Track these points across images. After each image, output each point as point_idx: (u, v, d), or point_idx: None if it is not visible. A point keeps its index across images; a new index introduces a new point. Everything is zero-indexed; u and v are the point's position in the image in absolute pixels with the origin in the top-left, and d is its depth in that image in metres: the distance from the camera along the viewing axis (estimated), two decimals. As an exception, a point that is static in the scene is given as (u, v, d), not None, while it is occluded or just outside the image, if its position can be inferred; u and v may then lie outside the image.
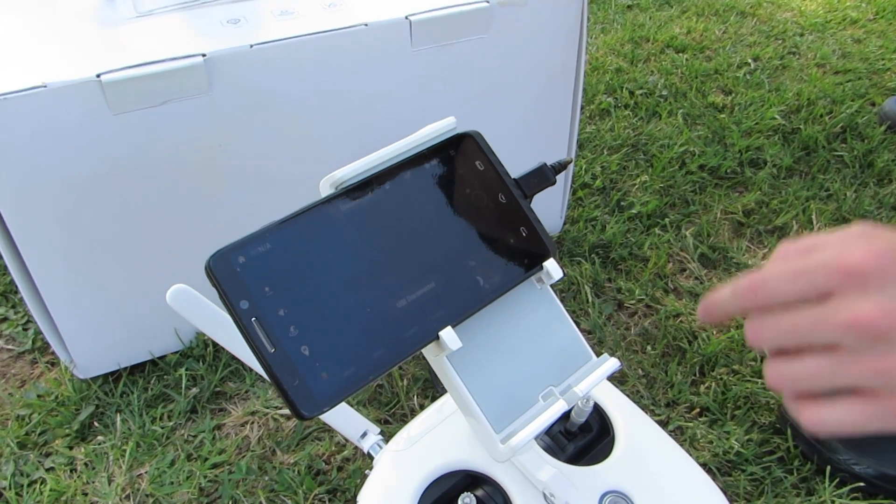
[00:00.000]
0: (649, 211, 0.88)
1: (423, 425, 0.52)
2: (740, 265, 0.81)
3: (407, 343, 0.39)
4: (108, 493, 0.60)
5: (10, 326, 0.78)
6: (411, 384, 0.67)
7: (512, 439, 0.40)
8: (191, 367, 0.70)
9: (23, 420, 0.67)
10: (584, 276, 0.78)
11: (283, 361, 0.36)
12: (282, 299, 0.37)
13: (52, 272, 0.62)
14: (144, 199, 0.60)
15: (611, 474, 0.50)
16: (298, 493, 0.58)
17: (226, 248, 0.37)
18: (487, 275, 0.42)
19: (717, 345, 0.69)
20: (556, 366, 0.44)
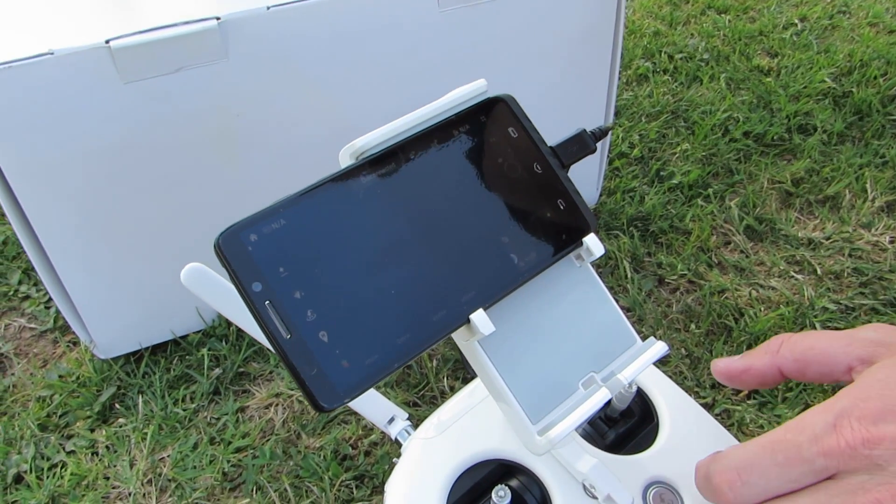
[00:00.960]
0: (691, 181, 0.83)
1: (453, 411, 0.49)
2: (789, 237, 0.76)
3: (435, 328, 0.36)
4: (129, 478, 0.58)
5: (31, 305, 0.76)
6: (441, 365, 0.64)
7: (550, 431, 0.37)
8: (213, 346, 0.67)
9: (44, 401, 0.66)
10: (623, 251, 0.74)
11: (300, 349, 0.33)
12: (298, 281, 0.34)
13: (67, 249, 0.60)
14: (159, 172, 0.57)
15: (655, 464, 0.46)
16: (324, 479, 0.56)
17: (236, 226, 0.34)
18: (522, 252, 0.39)
19: (766, 322, 0.65)
20: (598, 350, 0.40)
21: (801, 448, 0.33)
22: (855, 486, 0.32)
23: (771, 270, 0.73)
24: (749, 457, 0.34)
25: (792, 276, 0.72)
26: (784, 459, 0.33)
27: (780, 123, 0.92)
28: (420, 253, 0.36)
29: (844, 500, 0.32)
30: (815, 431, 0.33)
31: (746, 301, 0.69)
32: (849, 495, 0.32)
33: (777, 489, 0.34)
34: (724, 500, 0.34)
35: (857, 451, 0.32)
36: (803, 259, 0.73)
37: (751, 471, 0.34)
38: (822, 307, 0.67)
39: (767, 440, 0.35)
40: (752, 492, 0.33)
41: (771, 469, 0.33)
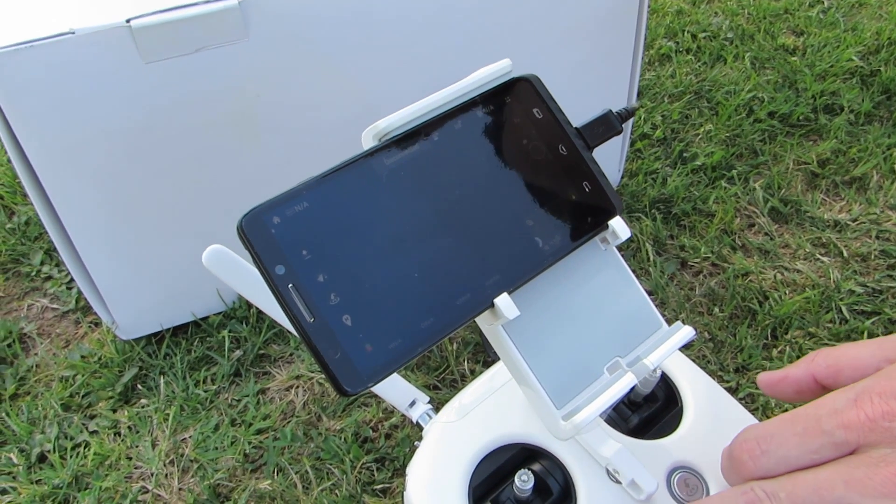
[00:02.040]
0: (714, 162, 0.82)
1: (475, 395, 0.48)
2: (815, 219, 0.75)
3: (459, 311, 0.35)
4: (151, 459, 0.59)
5: (54, 285, 0.76)
6: (461, 349, 0.64)
7: (575, 416, 0.37)
8: (234, 328, 0.68)
9: (66, 381, 0.66)
10: (645, 233, 0.73)
11: (324, 332, 0.32)
12: (321, 264, 0.33)
13: (89, 230, 0.60)
14: (180, 153, 0.57)
15: (679, 448, 0.46)
16: (345, 461, 0.56)
17: (259, 208, 0.34)
18: (546, 235, 0.38)
19: (792, 306, 0.64)
20: (623, 335, 0.40)
21: (821, 420, 0.33)
22: (876, 459, 0.31)
23: (796, 253, 0.71)
24: (769, 428, 0.34)
25: (818, 258, 0.71)
26: (803, 430, 0.33)
27: (806, 103, 0.91)
28: (444, 236, 0.36)
29: (866, 472, 0.32)
30: (835, 406, 0.33)
31: (771, 284, 0.68)
32: (870, 467, 0.31)
33: (797, 460, 0.33)
34: (743, 470, 0.34)
35: (878, 423, 0.32)
36: (829, 241, 0.72)
37: (770, 440, 0.33)
38: (848, 290, 0.66)
39: (789, 414, 0.34)
40: (770, 462, 0.33)
41: (790, 439, 0.33)
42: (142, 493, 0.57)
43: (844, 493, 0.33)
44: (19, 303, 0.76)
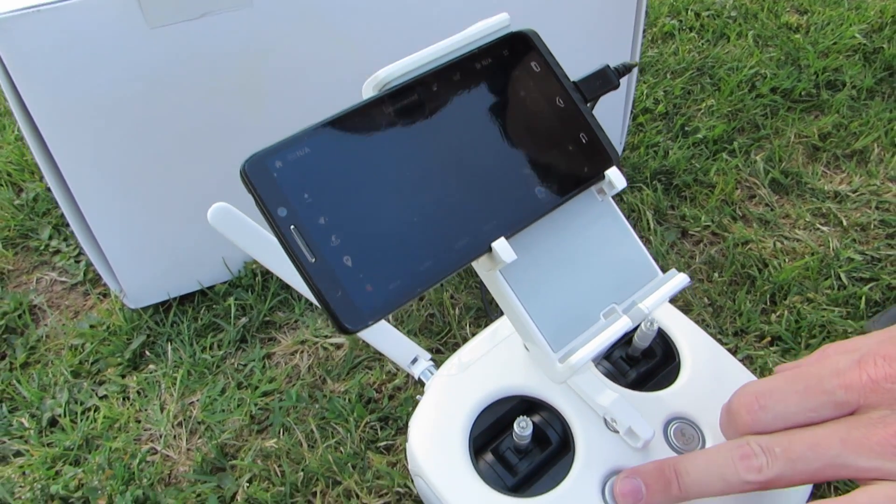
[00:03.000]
0: (716, 136, 0.82)
1: (476, 350, 0.49)
2: (815, 190, 0.75)
3: (457, 255, 0.36)
4: (160, 420, 0.60)
5: (62, 259, 0.78)
6: (463, 313, 0.65)
7: (571, 357, 0.37)
8: (240, 296, 0.69)
9: (76, 349, 0.67)
10: (646, 203, 0.74)
11: (325, 272, 0.33)
12: (322, 207, 0.34)
13: (97, 198, 0.61)
14: (185, 119, 0.58)
15: (676, 400, 0.47)
16: (349, 420, 0.57)
17: (262, 152, 0.35)
18: (544, 184, 0.39)
19: (791, 272, 0.65)
20: (619, 283, 0.41)
21: (823, 379, 0.33)
22: (875, 420, 0.32)
23: (796, 223, 0.72)
24: (769, 384, 0.34)
25: (817, 227, 0.71)
26: (804, 388, 0.34)
27: (809, 79, 0.91)
28: (442, 182, 0.37)
29: (863, 432, 0.32)
30: (838, 366, 0.34)
31: (771, 252, 0.68)
32: (868, 428, 0.32)
33: (795, 417, 0.34)
34: (740, 424, 0.35)
35: (880, 385, 0.32)
36: (829, 212, 0.73)
37: (769, 396, 0.34)
38: (847, 258, 0.67)
39: (790, 372, 0.35)
40: (768, 417, 0.34)
41: (790, 396, 0.34)
42: (150, 453, 0.58)
43: (840, 451, 0.33)
44: (28, 276, 0.77)
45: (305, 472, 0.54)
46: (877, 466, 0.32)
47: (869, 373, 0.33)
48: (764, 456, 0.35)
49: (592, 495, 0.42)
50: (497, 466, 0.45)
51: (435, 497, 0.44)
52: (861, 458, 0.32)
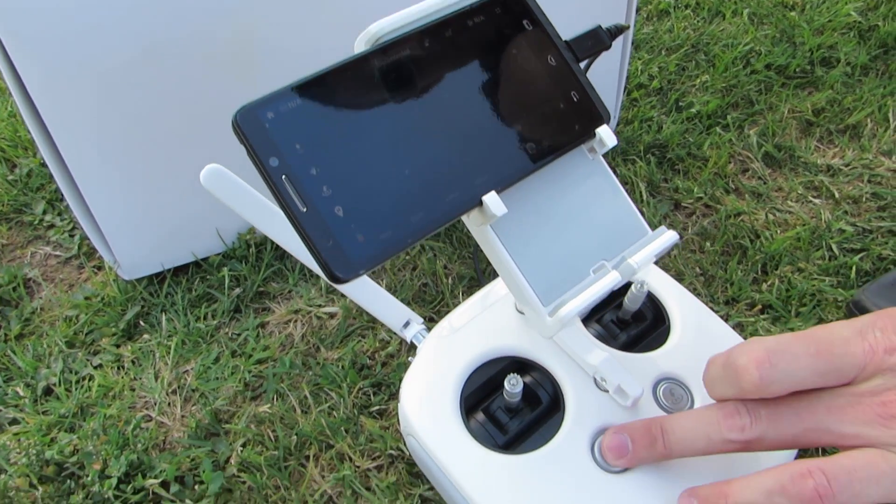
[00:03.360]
0: (710, 111, 0.82)
1: (467, 313, 0.50)
2: (808, 164, 0.75)
3: (448, 207, 0.36)
4: (154, 388, 0.60)
5: (56, 233, 0.78)
6: (456, 282, 0.65)
7: (560, 310, 0.38)
8: (234, 267, 0.69)
9: (70, 321, 0.67)
10: (639, 175, 0.74)
11: (316, 221, 0.34)
12: (314, 158, 0.35)
13: (91, 170, 0.61)
14: (179, 88, 0.58)
15: (666, 361, 0.47)
16: (343, 386, 0.57)
17: (253, 103, 0.35)
18: (535, 140, 0.39)
19: (782, 242, 0.65)
20: (609, 240, 0.41)
21: (833, 345, 0.34)
22: (864, 390, 0.33)
23: (788, 195, 0.72)
24: (781, 343, 0.34)
25: (810, 200, 0.71)
26: (816, 351, 0.34)
27: (803, 56, 0.91)
28: (434, 136, 0.37)
29: (850, 400, 0.33)
30: (843, 335, 0.34)
31: (763, 224, 0.69)
32: (856, 396, 0.33)
33: (801, 380, 0.34)
34: (747, 380, 0.34)
35: (878, 355, 0.33)
36: (822, 185, 0.73)
37: (782, 355, 0.34)
38: (838, 229, 0.67)
39: (800, 333, 0.35)
40: (777, 375, 0.34)
41: (803, 358, 0.34)
42: (145, 420, 0.58)
43: (824, 416, 0.34)
44: (22, 251, 0.77)
45: (299, 435, 0.54)
46: (859, 433, 0.32)
47: (870, 342, 0.33)
48: (748, 416, 0.35)
49: (582, 452, 0.43)
50: (488, 425, 0.45)
51: (426, 455, 0.45)
52: (844, 424, 0.33)
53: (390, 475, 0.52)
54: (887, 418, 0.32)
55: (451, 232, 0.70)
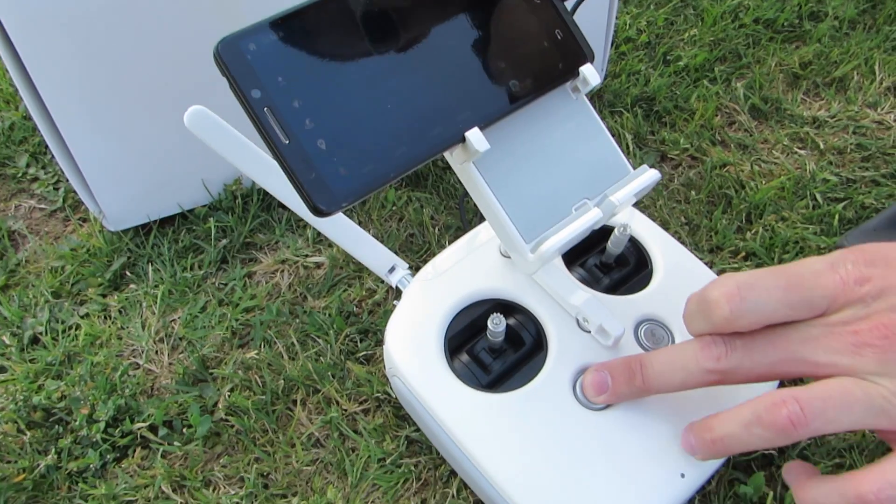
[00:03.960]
0: (697, 64, 0.82)
1: (452, 257, 0.50)
2: (794, 116, 0.76)
3: (431, 142, 0.36)
4: (141, 336, 0.60)
5: (40, 186, 0.77)
6: (443, 232, 0.65)
7: (542, 246, 0.38)
8: (220, 219, 0.69)
9: (56, 271, 0.67)
10: (626, 127, 0.74)
11: (299, 154, 0.34)
12: (296, 91, 0.34)
13: (75, 119, 0.60)
14: (163, 34, 0.57)
15: (648, 303, 0.48)
16: (329, 333, 0.58)
17: (235, 35, 0.34)
18: (519, 78, 0.39)
19: (767, 192, 0.66)
20: (591, 178, 0.41)
21: (804, 278, 0.34)
22: (837, 320, 0.33)
23: (774, 147, 0.73)
24: (752, 278, 0.35)
25: (795, 151, 0.72)
26: (786, 284, 0.34)
27: (792, 10, 0.91)
28: (417, 71, 0.37)
29: (824, 330, 0.33)
30: (815, 268, 0.35)
31: (748, 174, 0.69)
32: (830, 326, 0.33)
33: (773, 313, 0.34)
34: (718, 314, 0.35)
35: (849, 286, 0.33)
36: (807, 136, 0.73)
37: (752, 289, 0.35)
38: (822, 179, 0.68)
39: (772, 268, 0.36)
40: (747, 308, 0.34)
41: (774, 291, 0.34)
42: (133, 367, 0.59)
43: (798, 346, 0.34)
44: (6, 204, 0.77)
45: (286, 380, 0.55)
46: (833, 362, 0.33)
47: (841, 274, 0.33)
48: (724, 346, 0.36)
49: (564, 390, 0.43)
50: (472, 366, 0.46)
51: (411, 395, 0.45)
52: (818, 353, 0.33)
53: (377, 418, 0.53)
54: (859, 346, 0.32)
55: (438, 183, 0.70)
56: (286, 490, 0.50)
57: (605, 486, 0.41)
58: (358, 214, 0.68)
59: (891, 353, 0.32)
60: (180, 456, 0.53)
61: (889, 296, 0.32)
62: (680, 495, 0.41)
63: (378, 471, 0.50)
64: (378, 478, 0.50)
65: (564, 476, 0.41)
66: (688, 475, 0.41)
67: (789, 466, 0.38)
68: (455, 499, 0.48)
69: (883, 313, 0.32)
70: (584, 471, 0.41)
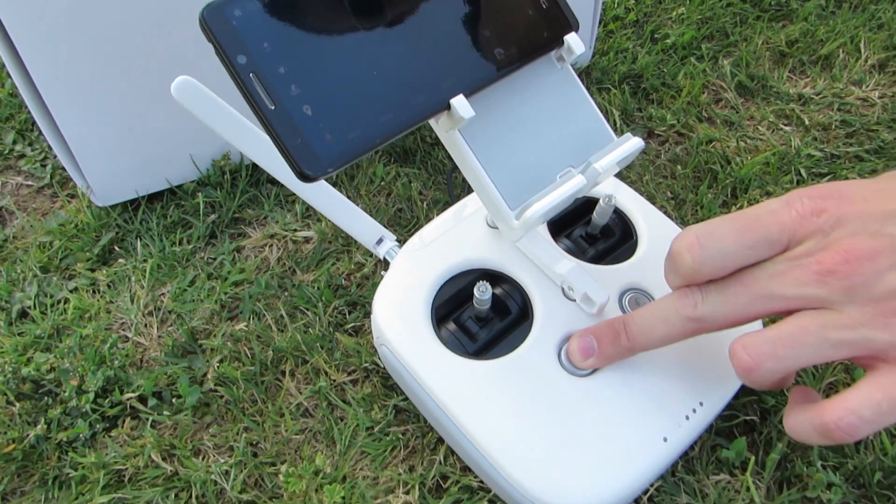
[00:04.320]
0: (685, 42, 0.83)
1: (439, 227, 0.50)
2: (780, 93, 0.76)
3: (416, 109, 0.37)
4: (130, 310, 0.61)
5: (28, 163, 0.77)
6: (431, 207, 0.66)
7: (526, 212, 0.39)
8: (209, 194, 0.69)
9: (44, 247, 0.67)
10: (613, 104, 0.75)
11: (285, 119, 0.34)
12: (282, 57, 0.35)
13: (63, 93, 0.60)
14: (148, 5, 0.57)
15: (632, 272, 0.48)
16: (318, 305, 0.58)
17: (220, 0, 0.35)
18: (504, 46, 0.39)
19: (752, 167, 0.66)
20: (576, 146, 0.41)
21: (760, 218, 0.35)
22: (799, 252, 0.34)
23: (760, 123, 0.73)
24: (709, 226, 0.36)
25: (780, 128, 0.72)
26: (742, 226, 0.35)
27: (779, -11, 0.91)
28: (403, 38, 0.37)
29: (788, 264, 0.34)
30: (771, 208, 0.36)
31: (734, 150, 0.69)
32: (793, 259, 0.34)
33: (734, 255, 0.35)
34: (682, 265, 0.36)
35: (806, 219, 0.34)
36: (793, 113, 0.74)
37: (710, 236, 0.36)
38: (807, 154, 0.68)
39: (729, 215, 0.37)
40: (709, 255, 0.35)
41: (729, 235, 0.35)
42: (122, 340, 0.59)
43: (767, 283, 0.35)
44: (-6, 180, 0.76)
45: (275, 351, 0.55)
46: (801, 294, 0.34)
47: (797, 209, 0.34)
48: (699, 293, 0.37)
49: (549, 357, 0.44)
50: (459, 334, 0.46)
51: (399, 363, 0.46)
52: (786, 287, 0.34)
53: (365, 387, 0.53)
54: (824, 275, 0.33)
55: (426, 159, 0.70)
56: (275, 458, 0.51)
57: (589, 450, 0.41)
58: (347, 189, 0.68)
59: (854, 277, 0.32)
60: (170, 426, 0.53)
61: (846, 223, 0.33)
62: (662, 459, 0.42)
63: (366, 439, 0.51)
64: (366, 445, 0.50)
65: (549, 441, 0.42)
66: (670, 439, 0.42)
67: (792, 391, 0.39)
68: (442, 465, 0.49)
69: (843, 239, 0.33)
70: (569, 435, 0.42)
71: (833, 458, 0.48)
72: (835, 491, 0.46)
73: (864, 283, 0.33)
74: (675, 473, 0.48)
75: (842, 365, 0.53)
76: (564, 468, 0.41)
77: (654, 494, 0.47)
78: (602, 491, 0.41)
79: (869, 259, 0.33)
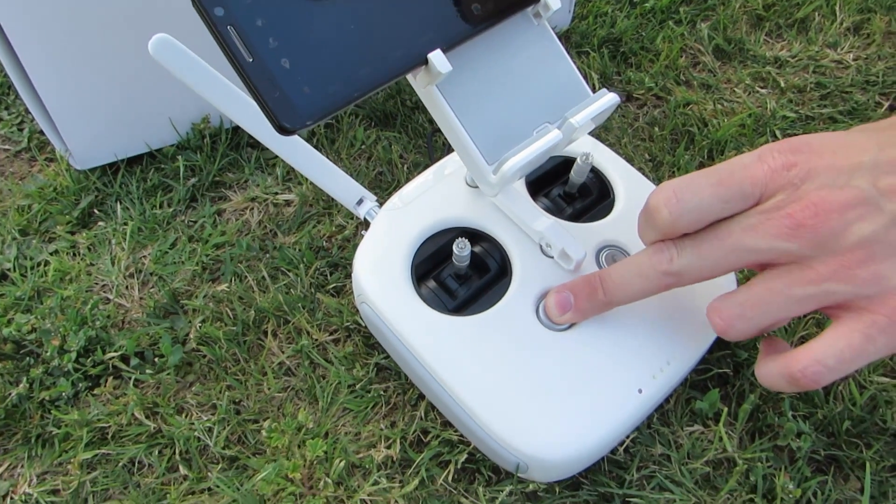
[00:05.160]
0: (663, 6, 0.83)
1: (418, 187, 0.51)
2: (757, 56, 0.77)
3: (394, 63, 0.37)
4: (111, 272, 0.61)
5: (4, 127, 0.76)
6: (411, 170, 0.66)
7: (503, 166, 0.39)
8: (189, 158, 0.69)
9: (23, 210, 0.67)
10: (592, 67, 0.75)
11: (263, 72, 0.34)
12: (259, 9, 0.35)
13: (40, 56, 0.59)
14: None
15: (609, 230, 0.49)
16: (300, 267, 0.58)
17: (197, -47, 0.35)
18: (481, 1, 0.39)
19: (728, 129, 0.67)
20: (552, 102, 0.42)
21: (734, 172, 0.36)
22: (769, 207, 0.35)
23: (737, 86, 0.74)
24: (685, 180, 0.37)
25: (756, 90, 0.73)
26: (717, 180, 0.36)
27: (757, -47, 0.91)
28: (380, -7, 0.37)
29: (759, 218, 0.35)
30: (743, 162, 0.36)
31: (711, 112, 0.70)
32: (765, 213, 0.35)
33: (709, 209, 0.36)
34: (660, 219, 0.37)
35: (778, 173, 0.35)
36: (769, 76, 0.75)
37: (685, 190, 0.36)
38: (782, 116, 0.69)
39: (705, 169, 0.37)
40: (685, 208, 0.36)
41: (705, 189, 0.36)
42: (103, 302, 0.59)
43: (741, 236, 0.36)
44: (-30, 145, 0.76)
45: (257, 311, 0.56)
46: (773, 247, 0.35)
47: (769, 163, 0.35)
48: (674, 248, 0.38)
49: (527, 313, 0.45)
50: (438, 291, 0.47)
51: (379, 319, 0.46)
52: (759, 240, 0.35)
53: (347, 346, 0.54)
54: (795, 228, 0.34)
55: (406, 122, 0.70)
56: (258, 415, 0.51)
57: (566, 402, 0.42)
58: (328, 152, 0.68)
59: (823, 229, 0.33)
60: (152, 384, 0.54)
61: (816, 177, 0.34)
62: (637, 410, 0.43)
63: (348, 396, 0.51)
64: (348, 402, 0.51)
65: (527, 394, 0.43)
66: (645, 391, 0.43)
67: (763, 342, 0.41)
68: (423, 420, 0.50)
69: (812, 192, 0.34)
70: (546, 388, 0.43)
71: (803, 407, 0.50)
72: (804, 439, 0.47)
73: (833, 235, 0.34)
74: (651, 425, 0.50)
75: (813, 319, 0.54)
76: (542, 420, 0.42)
77: (630, 445, 0.49)
78: (578, 441, 0.42)
79: (837, 212, 0.34)
